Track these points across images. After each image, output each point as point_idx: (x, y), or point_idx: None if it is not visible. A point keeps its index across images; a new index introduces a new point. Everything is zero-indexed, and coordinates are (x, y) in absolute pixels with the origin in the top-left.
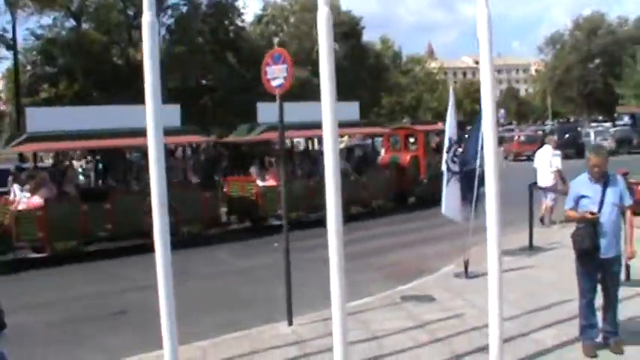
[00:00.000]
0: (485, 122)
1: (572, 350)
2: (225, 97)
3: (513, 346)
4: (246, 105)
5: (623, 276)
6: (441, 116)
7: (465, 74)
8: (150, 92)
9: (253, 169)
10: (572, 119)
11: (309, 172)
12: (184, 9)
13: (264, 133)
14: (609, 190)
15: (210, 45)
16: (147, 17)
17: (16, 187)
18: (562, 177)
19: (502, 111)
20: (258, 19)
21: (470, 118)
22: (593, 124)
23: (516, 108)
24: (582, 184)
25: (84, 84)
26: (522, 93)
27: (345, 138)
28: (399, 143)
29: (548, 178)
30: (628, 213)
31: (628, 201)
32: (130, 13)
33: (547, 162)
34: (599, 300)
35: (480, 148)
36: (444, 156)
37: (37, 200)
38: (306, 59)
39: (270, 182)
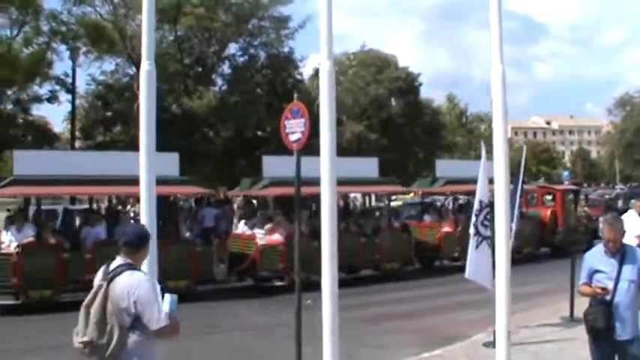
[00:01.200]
0: (498, 181)
1: None
2: (280, 148)
3: None
4: None
5: None
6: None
7: (535, 134)
8: (144, 140)
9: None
10: None
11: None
12: (241, 60)
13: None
14: (626, 265)
15: (267, 97)
16: (145, 66)
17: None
18: None
19: (565, 173)
20: (316, 73)
21: (530, 179)
22: None
23: (587, 170)
24: (597, 258)
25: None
26: (594, 155)
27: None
28: (536, 199)
29: (632, 243)
30: None
31: None
32: (187, 62)
33: (630, 227)
34: None
35: (516, 211)
36: (473, 219)
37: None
38: (362, 114)
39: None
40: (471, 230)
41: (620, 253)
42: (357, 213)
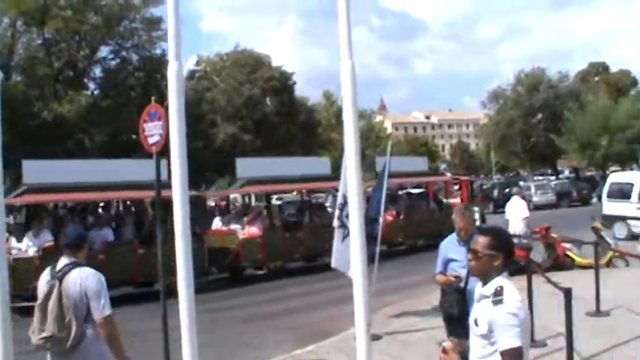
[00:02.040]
0: (350, 175)
1: None
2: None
3: None
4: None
5: None
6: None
7: (415, 129)
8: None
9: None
10: (522, 173)
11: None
12: (113, 62)
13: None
14: None
15: (141, 99)
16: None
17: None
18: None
19: (443, 165)
20: (191, 75)
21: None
22: (539, 178)
23: (466, 162)
24: (450, 247)
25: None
26: (472, 147)
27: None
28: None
29: (518, 226)
30: None
31: None
32: (57, 65)
33: (517, 212)
34: None
35: (382, 207)
36: (337, 212)
37: None
38: (236, 115)
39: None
40: (335, 223)
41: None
42: (238, 212)
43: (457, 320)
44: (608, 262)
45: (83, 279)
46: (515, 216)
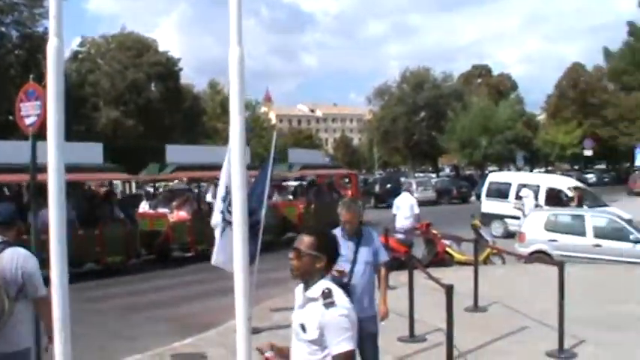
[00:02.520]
0: (234, 166)
1: None
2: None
3: None
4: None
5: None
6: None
7: (300, 122)
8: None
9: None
10: (404, 169)
11: None
12: None
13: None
14: (362, 248)
15: (21, 79)
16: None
17: None
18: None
19: (327, 159)
20: (74, 55)
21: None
22: (420, 175)
23: (349, 156)
24: None
25: None
26: (356, 142)
27: None
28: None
29: (406, 222)
30: (383, 270)
31: (383, 257)
32: None
33: (407, 207)
34: None
35: (264, 198)
36: (219, 205)
37: None
38: (119, 99)
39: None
40: (216, 218)
41: (357, 235)
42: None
43: None
44: (486, 259)
45: (20, 259)
46: (405, 212)
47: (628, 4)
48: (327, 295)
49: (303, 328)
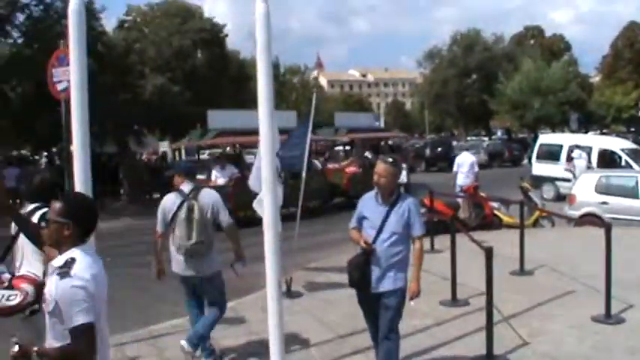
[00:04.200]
0: (262, 129)
1: None
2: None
3: None
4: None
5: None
6: (319, 126)
7: (351, 87)
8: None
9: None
10: (456, 133)
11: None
12: (35, 9)
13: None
14: (393, 216)
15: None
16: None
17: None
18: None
19: (377, 123)
20: (121, 24)
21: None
22: (472, 138)
23: (401, 121)
24: (366, 203)
25: None
26: (408, 106)
27: None
28: None
29: (467, 179)
30: (417, 244)
31: (417, 231)
32: None
33: (469, 164)
34: None
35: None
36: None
37: None
38: (164, 66)
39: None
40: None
41: (391, 201)
42: None
43: (357, 284)
44: (535, 221)
45: (213, 197)
46: (466, 170)
47: None
48: (65, 264)
49: (43, 299)
